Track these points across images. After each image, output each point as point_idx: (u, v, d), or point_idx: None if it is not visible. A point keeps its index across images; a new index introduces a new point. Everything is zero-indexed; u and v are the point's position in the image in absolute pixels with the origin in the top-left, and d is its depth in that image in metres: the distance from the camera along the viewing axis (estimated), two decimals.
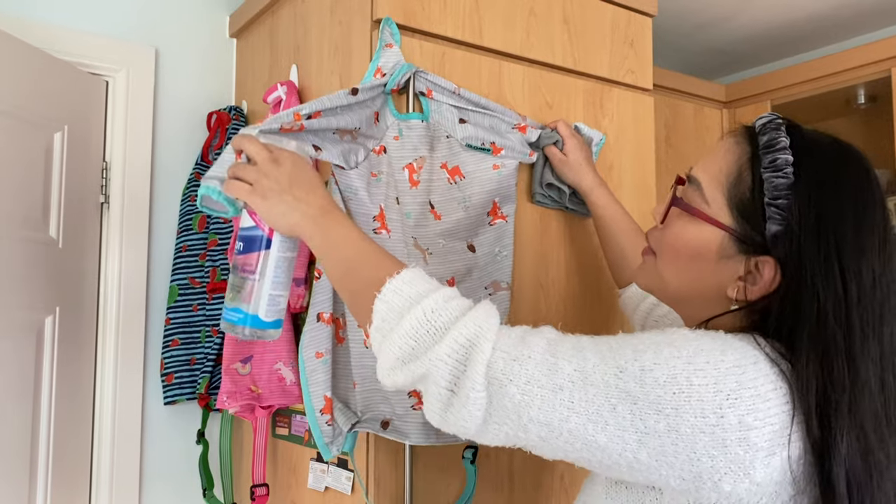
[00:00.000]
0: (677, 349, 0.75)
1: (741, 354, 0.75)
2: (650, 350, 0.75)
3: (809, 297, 0.77)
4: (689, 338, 0.77)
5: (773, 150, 0.82)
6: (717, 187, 0.85)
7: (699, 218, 0.86)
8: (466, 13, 1.47)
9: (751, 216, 0.82)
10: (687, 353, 0.74)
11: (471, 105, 1.40)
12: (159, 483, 1.77)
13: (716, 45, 2.57)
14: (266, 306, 1.01)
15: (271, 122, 1.09)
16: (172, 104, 1.86)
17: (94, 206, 1.73)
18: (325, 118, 1.17)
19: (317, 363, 1.24)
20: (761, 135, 0.84)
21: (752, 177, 0.82)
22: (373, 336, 0.84)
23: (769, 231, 0.80)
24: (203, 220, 1.75)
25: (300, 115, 1.13)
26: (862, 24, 2.40)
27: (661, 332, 0.80)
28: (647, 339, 0.77)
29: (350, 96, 1.22)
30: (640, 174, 1.74)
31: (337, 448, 1.26)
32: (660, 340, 0.77)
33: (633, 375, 0.74)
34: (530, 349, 0.77)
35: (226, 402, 1.47)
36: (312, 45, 1.56)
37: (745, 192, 0.82)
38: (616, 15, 1.72)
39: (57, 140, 1.62)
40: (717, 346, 0.75)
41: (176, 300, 1.73)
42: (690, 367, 0.73)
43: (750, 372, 0.73)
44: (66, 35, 1.68)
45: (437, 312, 0.80)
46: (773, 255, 0.80)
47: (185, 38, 1.89)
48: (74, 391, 1.65)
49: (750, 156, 0.84)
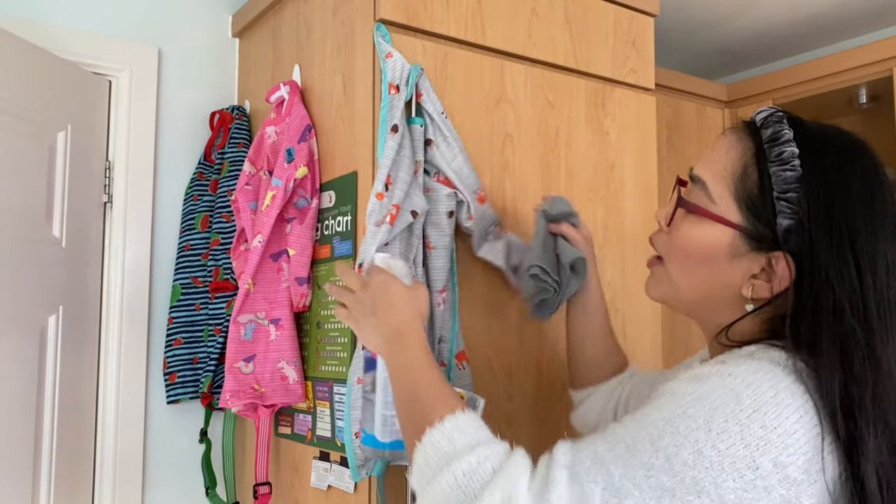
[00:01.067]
0: (692, 418, 0.72)
1: (756, 391, 0.72)
2: (667, 433, 0.72)
3: (825, 289, 0.76)
4: (698, 396, 0.73)
5: (777, 143, 0.81)
6: (723, 185, 0.83)
7: (707, 217, 0.84)
8: (469, 13, 1.47)
9: (760, 212, 0.80)
10: (703, 419, 0.71)
11: (446, 134, 1.36)
12: (162, 482, 1.78)
13: (718, 45, 2.56)
14: (381, 426, 1.04)
15: (373, 235, 1.23)
16: (175, 104, 1.86)
17: (97, 206, 1.73)
18: (398, 187, 1.26)
19: (358, 389, 1.26)
20: (764, 129, 0.83)
21: (758, 172, 0.81)
22: (412, 478, 0.84)
23: (780, 226, 0.79)
24: (206, 220, 1.75)
25: (382, 195, 1.24)
26: (864, 24, 2.40)
27: (667, 398, 0.76)
28: (659, 421, 0.74)
29: (393, 135, 1.27)
30: (643, 174, 1.74)
31: (367, 471, 1.28)
32: (672, 416, 0.73)
33: (662, 468, 0.71)
34: (557, 488, 0.73)
35: (229, 401, 1.48)
36: (315, 45, 1.56)
37: (753, 187, 0.81)
38: (618, 14, 1.72)
39: (60, 139, 1.62)
40: (730, 393, 0.72)
41: (179, 299, 1.74)
42: (712, 433, 0.70)
43: (771, 410, 0.71)
44: (69, 35, 1.69)
45: (469, 476, 0.78)
46: (785, 249, 0.79)
47: (187, 38, 1.89)
48: (78, 390, 1.66)
49: (754, 151, 0.82)
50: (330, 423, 1.42)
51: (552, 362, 1.53)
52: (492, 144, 1.49)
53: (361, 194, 1.38)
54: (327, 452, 1.43)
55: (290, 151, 1.47)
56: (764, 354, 0.77)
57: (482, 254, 1.38)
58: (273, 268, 1.51)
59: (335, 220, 1.46)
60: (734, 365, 0.75)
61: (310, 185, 1.49)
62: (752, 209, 0.81)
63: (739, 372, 0.74)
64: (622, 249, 1.68)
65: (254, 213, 1.54)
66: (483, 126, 1.48)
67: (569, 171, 1.61)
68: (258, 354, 1.50)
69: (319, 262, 1.50)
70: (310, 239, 1.49)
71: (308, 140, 1.49)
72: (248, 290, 1.48)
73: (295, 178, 1.45)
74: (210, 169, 1.80)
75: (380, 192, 1.25)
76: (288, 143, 1.49)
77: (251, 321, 1.50)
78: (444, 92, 1.42)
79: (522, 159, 1.53)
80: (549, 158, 1.57)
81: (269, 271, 1.51)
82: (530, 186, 1.54)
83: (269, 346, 1.50)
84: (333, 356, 1.43)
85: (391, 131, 1.28)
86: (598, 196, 1.66)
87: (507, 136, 1.51)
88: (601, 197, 1.66)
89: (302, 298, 1.49)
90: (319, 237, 1.50)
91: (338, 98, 1.47)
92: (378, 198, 1.24)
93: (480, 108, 1.48)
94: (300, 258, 1.48)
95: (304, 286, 1.48)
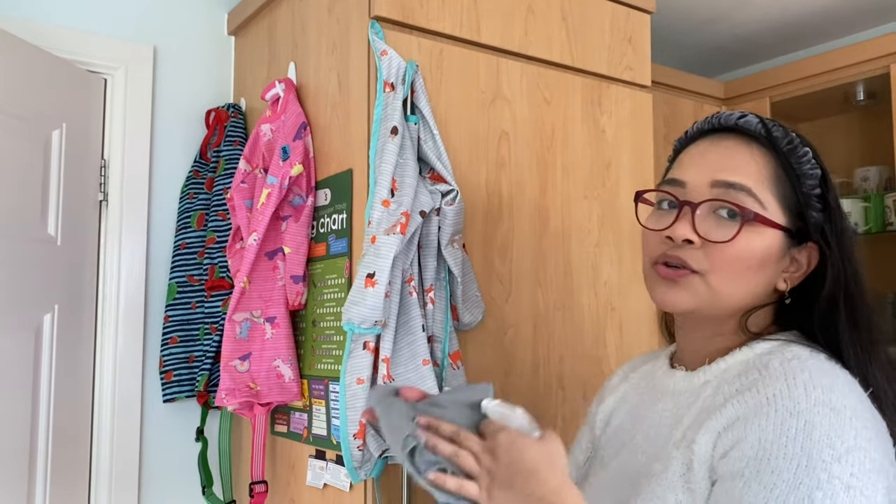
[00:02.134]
0: (819, 458, 0.72)
1: (840, 393, 0.76)
2: (814, 488, 0.71)
3: (844, 273, 0.86)
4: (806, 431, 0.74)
5: (798, 148, 0.87)
6: (766, 189, 0.86)
7: (766, 225, 0.85)
8: (464, 10, 1.47)
9: (795, 210, 0.86)
10: (829, 453, 0.72)
11: (434, 131, 1.35)
12: (158, 480, 1.77)
13: (715, 42, 2.56)
14: None
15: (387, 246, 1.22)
16: (171, 102, 1.85)
17: (92, 204, 1.73)
18: (405, 193, 1.26)
19: (357, 389, 1.25)
20: (778, 135, 0.88)
21: (786, 173, 0.87)
22: None
23: (812, 219, 0.87)
24: (201, 218, 1.75)
25: (388, 202, 1.24)
26: (861, 22, 2.39)
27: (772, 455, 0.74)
28: (793, 482, 0.72)
29: (393, 137, 1.27)
30: (639, 171, 1.74)
31: (365, 473, 1.27)
32: (799, 470, 0.73)
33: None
34: None
35: (225, 400, 1.47)
36: (311, 43, 1.56)
37: (788, 188, 0.86)
38: (615, 12, 1.72)
39: (55, 138, 1.62)
40: (825, 408, 0.74)
41: (175, 298, 1.73)
42: (842, 461, 0.72)
43: (860, 408, 0.76)
44: (64, 33, 1.68)
45: None
46: (812, 240, 0.87)
47: (183, 36, 1.88)
48: (73, 389, 1.65)
49: (777, 154, 0.87)
50: (326, 422, 1.42)
51: (548, 361, 1.53)
52: (488, 142, 1.49)
53: (357, 192, 1.38)
54: (323, 451, 1.43)
55: (285, 149, 1.47)
56: (805, 352, 0.81)
57: (445, 254, 1.35)
58: (268, 266, 1.51)
59: (331, 218, 1.45)
60: (799, 373, 0.77)
61: (305, 182, 1.49)
62: (791, 209, 0.86)
63: (812, 380, 0.76)
64: (619, 247, 1.68)
65: (249, 211, 1.54)
66: (479, 123, 1.48)
67: (565, 169, 1.60)
68: (254, 353, 1.49)
69: (315, 259, 1.49)
70: (305, 237, 1.49)
71: (303, 138, 1.49)
72: (243, 289, 1.48)
73: (290, 176, 1.44)
74: (206, 167, 1.80)
75: (385, 199, 1.24)
76: (283, 140, 1.49)
77: (247, 319, 1.50)
78: (439, 90, 1.42)
79: (518, 157, 1.53)
80: (545, 156, 1.57)
81: (264, 269, 1.51)
82: (526, 184, 1.54)
83: (264, 345, 1.49)
84: (329, 354, 1.42)
85: (391, 133, 1.27)
86: (595, 193, 1.65)
87: (503, 134, 1.51)
88: (597, 194, 1.66)
89: (297, 296, 1.48)
90: (315, 235, 1.50)
91: (333, 96, 1.47)
92: (384, 205, 1.24)
93: (476, 105, 1.47)
94: (296, 256, 1.47)
95: (300, 284, 1.48)
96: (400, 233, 1.22)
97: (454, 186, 1.33)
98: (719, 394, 0.83)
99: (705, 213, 0.85)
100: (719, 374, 0.86)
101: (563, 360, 1.56)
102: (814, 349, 0.83)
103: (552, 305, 1.55)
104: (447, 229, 1.32)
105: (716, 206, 0.85)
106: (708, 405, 0.83)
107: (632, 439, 0.94)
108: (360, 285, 1.22)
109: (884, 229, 2.22)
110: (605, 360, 1.63)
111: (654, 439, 0.89)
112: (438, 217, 1.32)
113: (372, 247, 1.22)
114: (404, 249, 1.27)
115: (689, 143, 0.94)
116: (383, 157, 1.26)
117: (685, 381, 0.91)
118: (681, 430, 0.85)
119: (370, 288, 1.20)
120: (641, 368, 1.06)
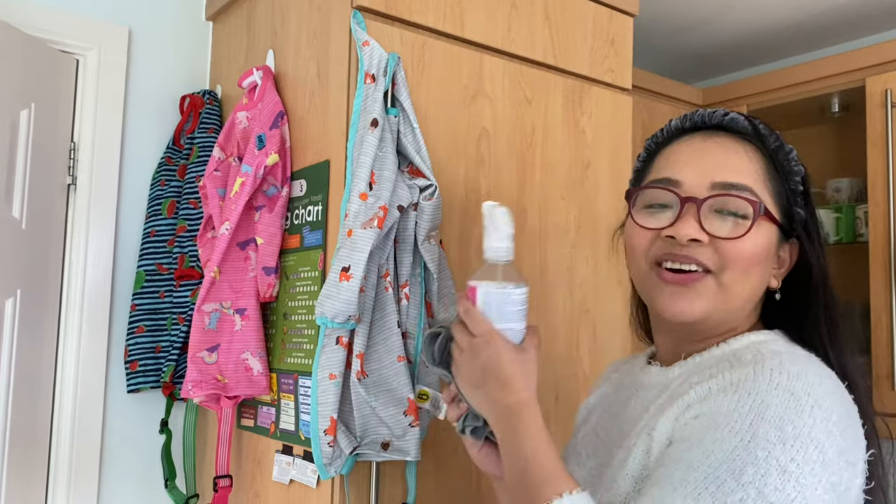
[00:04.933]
0: (764, 438, 0.71)
1: (805, 382, 0.74)
2: (748, 463, 0.70)
3: (819, 269, 0.88)
4: (757, 409, 0.73)
5: (784, 147, 0.88)
6: (763, 187, 0.86)
7: (771, 221, 0.86)
8: (448, 3, 1.45)
9: (786, 206, 0.87)
10: (775, 433, 0.71)
11: (413, 125, 1.33)
12: (120, 473, 1.73)
13: (694, 49, 2.58)
14: None
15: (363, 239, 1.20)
16: (145, 86, 1.81)
17: (60, 187, 1.68)
18: (384, 186, 1.24)
19: (329, 384, 1.23)
20: (759, 129, 0.89)
21: (776, 170, 0.87)
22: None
23: (798, 215, 0.87)
24: (172, 206, 1.71)
25: (366, 195, 1.22)
26: (838, 34, 2.42)
27: (723, 423, 0.74)
28: (732, 451, 0.72)
29: (373, 129, 1.24)
30: (617, 174, 1.74)
31: (335, 470, 1.25)
32: (742, 441, 0.72)
33: (755, 501, 0.69)
34: None
35: (191, 391, 1.44)
36: (290, 31, 1.53)
37: (779, 185, 0.87)
38: (598, 13, 1.71)
39: (23, 118, 1.57)
40: (785, 393, 0.73)
41: (142, 286, 1.70)
42: (787, 445, 0.71)
43: (825, 400, 0.74)
44: (36, 11, 1.64)
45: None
46: (796, 236, 0.88)
47: (160, 19, 1.84)
48: (34, 376, 1.61)
49: (766, 152, 0.88)
50: (294, 417, 1.40)
51: None
52: (467, 139, 1.47)
53: (333, 183, 1.36)
54: (290, 446, 1.41)
55: (261, 138, 1.44)
56: (782, 346, 0.82)
57: (421, 249, 1.33)
58: (240, 256, 1.48)
59: (305, 210, 1.43)
60: (769, 359, 0.77)
61: (280, 172, 1.46)
62: (782, 205, 0.87)
63: (780, 365, 0.76)
64: (595, 249, 1.68)
65: (222, 200, 1.51)
66: (459, 119, 1.46)
67: (544, 168, 1.60)
68: (222, 344, 1.46)
69: (288, 251, 1.47)
70: (279, 228, 1.46)
71: (280, 127, 1.46)
72: (213, 279, 1.45)
73: (265, 166, 1.42)
74: (179, 154, 1.76)
75: (363, 192, 1.22)
76: (259, 129, 1.46)
77: (216, 310, 1.47)
78: (420, 83, 1.40)
79: (498, 155, 1.52)
80: (524, 155, 1.56)
81: (235, 260, 1.48)
82: (505, 182, 1.53)
83: (233, 337, 1.46)
84: (299, 348, 1.40)
85: (371, 126, 1.25)
86: (573, 194, 1.65)
87: (483, 131, 1.50)
88: (575, 195, 1.65)
89: (269, 288, 1.46)
90: (289, 226, 1.48)
91: (311, 85, 1.44)
92: (362, 198, 1.22)
93: (457, 101, 1.46)
94: (268, 247, 1.45)
95: (272, 276, 1.46)
96: (377, 227, 1.20)
97: (433, 181, 1.31)
98: (686, 382, 0.83)
99: (706, 211, 0.84)
100: (693, 367, 0.86)
101: None
102: (792, 345, 0.84)
103: None
104: (424, 224, 1.31)
105: (717, 203, 0.84)
106: (673, 393, 0.83)
107: (608, 436, 0.94)
108: (334, 279, 1.20)
109: (854, 240, 2.25)
110: (577, 362, 1.62)
111: (626, 433, 0.89)
112: (416, 212, 1.31)
113: (348, 240, 1.20)
114: (381, 244, 1.25)
115: (668, 142, 0.92)
116: (362, 149, 1.24)
117: (659, 375, 0.91)
118: (645, 419, 0.85)
119: (345, 282, 1.18)
120: (623, 367, 1.06)
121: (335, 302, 1.18)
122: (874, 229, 2.06)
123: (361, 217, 1.21)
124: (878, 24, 2.34)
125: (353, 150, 1.27)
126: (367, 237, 1.20)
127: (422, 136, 1.34)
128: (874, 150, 2.07)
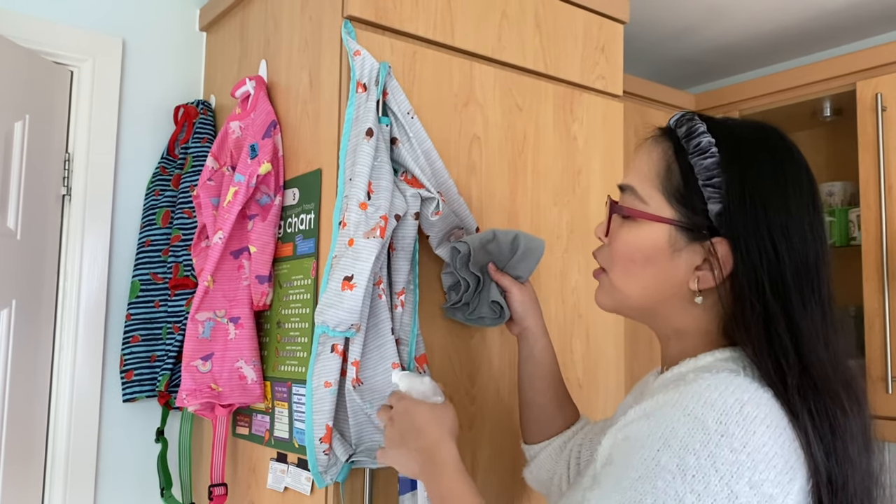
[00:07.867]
0: (665, 469, 0.70)
1: (720, 410, 0.71)
2: (647, 494, 0.70)
3: (749, 267, 0.79)
4: (664, 438, 0.72)
5: (694, 136, 0.84)
6: (651, 185, 0.87)
7: (642, 218, 0.86)
8: (438, 12, 1.46)
9: (689, 202, 0.83)
10: (676, 465, 0.70)
11: (409, 134, 1.34)
12: (116, 482, 1.74)
13: (686, 55, 2.59)
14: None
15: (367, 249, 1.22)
16: (139, 96, 1.82)
17: (55, 198, 1.69)
18: (382, 196, 1.25)
19: (324, 392, 1.23)
20: (678, 127, 0.87)
21: (679, 165, 0.84)
22: None
23: (712, 211, 0.82)
24: (167, 215, 1.72)
25: (366, 204, 1.22)
26: (829, 39, 2.44)
27: (633, 451, 0.74)
28: (636, 481, 0.72)
29: (368, 139, 1.25)
30: (610, 180, 1.75)
31: (331, 477, 1.25)
32: (646, 472, 0.71)
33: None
34: None
35: (186, 400, 1.45)
36: (283, 41, 1.54)
37: (678, 181, 0.84)
38: (588, 20, 1.73)
39: (18, 129, 1.58)
40: (694, 422, 0.71)
41: (137, 296, 1.70)
42: (687, 477, 0.69)
43: (738, 431, 0.70)
44: (30, 23, 1.65)
45: None
46: (722, 234, 0.81)
47: (153, 30, 1.86)
48: (30, 387, 1.61)
49: (674, 149, 0.86)
50: (288, 425, 1.40)
51: (514, 365, 1.53)
52: (459, 146, 1.48)
53: (326, 192, 1.37)
54: (285, 454, 1.41)
55: (253, 147, 1.45)
56: (722, 365, 0.78)
57: (440, 252, 1.36)
58: (234, 265, 1.49)
59: (298, 218, 1.44)
60: (693, 384, 0.75)
61: (273, 181, 1.47)
62: (682, 201, 0.84)
63: (700, 392, 0.73)
64: (587, 255, 1.69)
65: (215, 209, 1.52)
66: (451, 127, 1.47)
67: (536, 175, 1.60)
68: (216, 353, 1.47)
69: (281, 260, 1.47)
70: (272, 236, 1.47)
71: (272, 136, 1.47)
72: (207, 288, 1.46)
73: (258, 175, 1.43)
74: (173, 164, 1.77)
75: (363, 202, 1.22)
76: (252, 138, 1.47)
77: (210, 319, 1.47)
78: (412, 92, 1.41)
79: (490, 162, 1.53)
80: (516, 161, 1.57)
81: (229, 269, 1.49)
82: (497, 189, 1.53)
83: (227, 345, 1.47)
84: (293, 356, 1.40)
85: (366, 135, 1.25)
86: (565, 200, 1.66)
87: (474, 138, 1.51)
88: (567, 201, 1.66)
89: (262, 297, 1.47)
90: (282, 235, 1.48)
91: (304, 94, 1.45)
92: (362, 207, 1.22)
93: (448, 108, 1.47)
94: (261, 256, 1.45)
95: (265, 284, 1.46)
96: (379, 236, 1.21)
97: (434, 195, 1.32)
98: (642, 398, 0.84)
99: (615, 215, 0.92)
100: (663, 381, 0.86)
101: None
102: (737, 366, 0.78)
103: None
104: (437, 234, 1.35)
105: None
106: (626, 411, 0.84)
107: None
108: (336, 288, 1.20)
109: (847, 243, 2.26)
110: (570, 367, 1.63)
111: None
112: (416, 221, 1.32)
113: (350, 250, 1.21)
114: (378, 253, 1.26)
115: None
116: (358, 158, 1.25)
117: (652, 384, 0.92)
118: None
119: (348, 291, 1.19)
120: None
121: (338, 311, 1.19)
122: (867, 232, 2.07)
123: (363, 227, 1.21)
124: (868, 29, 2.36)
125: (345, 159, 1.28)
126: (370, 247, 1.20)
127: (432, 146, 1.36)
128: (866, 154, 2.08)
